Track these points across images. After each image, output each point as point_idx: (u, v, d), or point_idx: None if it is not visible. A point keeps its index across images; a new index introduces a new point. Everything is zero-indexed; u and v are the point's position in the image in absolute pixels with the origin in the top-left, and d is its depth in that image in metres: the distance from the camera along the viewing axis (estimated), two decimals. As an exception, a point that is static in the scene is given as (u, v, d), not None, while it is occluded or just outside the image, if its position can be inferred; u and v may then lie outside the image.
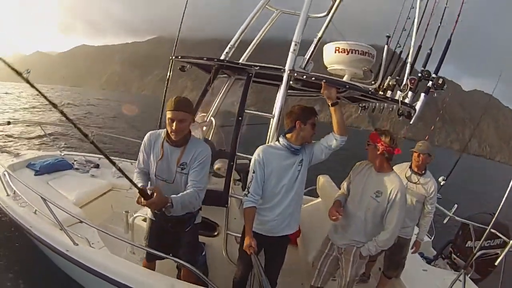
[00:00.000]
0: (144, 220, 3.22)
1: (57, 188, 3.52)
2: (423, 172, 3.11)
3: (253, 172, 2.28)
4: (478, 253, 2.44)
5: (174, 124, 2.10)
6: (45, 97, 1.47)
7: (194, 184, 2.18)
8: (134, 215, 3.26)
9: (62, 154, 4.41)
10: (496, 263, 2.07)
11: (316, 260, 2.69)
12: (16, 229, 4.20)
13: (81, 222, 2.96)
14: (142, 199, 1.93)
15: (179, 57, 2.78)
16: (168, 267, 2.76)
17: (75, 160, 4.29)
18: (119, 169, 1.78)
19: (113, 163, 1.70)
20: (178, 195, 2.10)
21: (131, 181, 1.91)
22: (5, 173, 3.21)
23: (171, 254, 2.43)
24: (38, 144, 10.76)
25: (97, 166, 4.43)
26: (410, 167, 3.18)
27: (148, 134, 2.33)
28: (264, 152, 2.30)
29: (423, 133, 2.81)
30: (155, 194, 1.92)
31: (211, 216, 2.97)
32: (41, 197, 2.59)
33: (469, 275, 2.76)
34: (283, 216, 2.34)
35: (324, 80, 2.42)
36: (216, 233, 3.09)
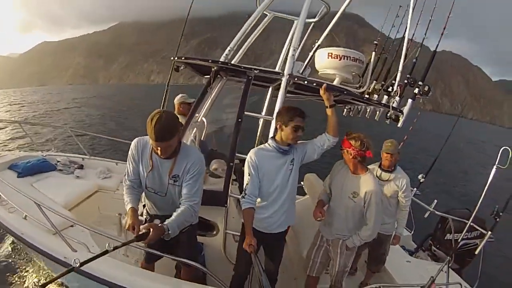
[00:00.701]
0: (138, 221, 3.19)
1: (43, 191, 3.35)
2: (393, 169, 3.26)
3: (248, 175, 2.34)
4: (462, 243, 2.69)
5: (159, 150, 1.97)
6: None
7: (188, 198, 2.10)
8: (127, 217, 3.20)
9: (44, 154, 4.19)
10: (476, 252, 2.30)
11: (310, 252, 2.86)
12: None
13: (72, 226, 2.89)
14: (141, 241, 1.87)
15: (183, 58, 2.76)
16: (166, 268, 2.76)
17: (58, 161, 4.10)
18: None
19: None
20: (172, 217, 2.02)
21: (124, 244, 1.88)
22: None
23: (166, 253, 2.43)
24: (16, 144, 10.17)
25: (81, 166, 4.26)
26: (380, 166, 3.31)
27: (134, 142, 2.15)
28: (256, 155, 2.36)
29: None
30: (151, 230, 1.86)
31: (208, 216, 2.99)
32: (35, 203, 2.47)
33: (449, 265, 3.03)
34: (279, 214, 2.43)
35: (324, 84, 2.55)
36: (214, 233, 3.12)
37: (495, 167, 2.06)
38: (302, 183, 4.24)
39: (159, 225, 1.93)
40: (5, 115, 21.87)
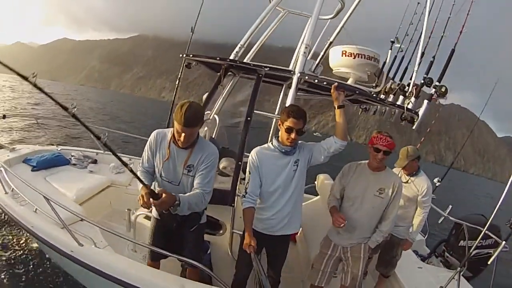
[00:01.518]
0: (146, 218, 3.21)
1: (55, 185, 3.43)
2: (414, 173, 3.16)
3: (249, 173, 2.31)
4: (475, 252, 2.58)
5: (182, 137, 2.04)
6: (56, 101, 1.36)
7: (200, 187, 2.16)
8: (137, 213, 3.23)
9: (59, 149, 4.28)
10: (489, 262, 2.20)
11: (318, 262, 2.73)
12: (15, 227, 4.13)
13: (82, 220, 2.94)
14: (151, 199, 1.90)
15: (191, 55, 2.74)
16: (172, 266, 2.78)
17: (72, 155, 4.18)
18: (131, 171, 1.73)
19: (125, 165, 1.64)
20: (186, 194, 2.09)
21: (142, 181, 1.89)
22: (1, 169, 3.10)
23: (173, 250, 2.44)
24: (33, 138, 10.45)
25: (95, 161, 4.34)
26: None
27: (154, 133, 2.25)
28: (257, 154, 2.33)
29: (398, 144, 2.91)
30: (163, 194, 1.91)
31: (216, 215, 2.98)
32: (44, 197, 2.52)
33: (461, 273, 2.92)
34: (281, 216, 2.37)
35: (335, 83, 2.47)
36: (221, 232, 3.12)
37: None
38: (315, 182, 4.17)
39: (172, 194, 1.98)
40: (17, 104, 22.47)
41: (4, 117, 3.74)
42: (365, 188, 2.51)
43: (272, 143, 2.37)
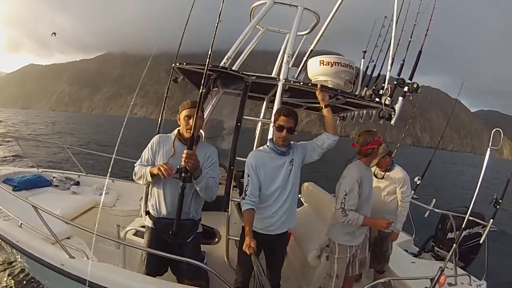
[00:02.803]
0: (136, 234, 3.10)
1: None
2: (389, 168, 3.34)
3: (248, 176, 2.36)
4: (461, 238, 2.70)
5: (191, 120, 2.19)
6: None
7: (213, 178, 2.31)
8: (126, 229, 3.12)
9: (40, 171, 4.13)
10: (481, 241, 2.31)
11: (341, 270, 2.71)
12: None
13: (69, 238, 2.81)
14: (185, 152, 2.01)
15: (184, 63, 2.85)
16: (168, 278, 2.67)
17: (54, 177, 4.04)
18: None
19: None
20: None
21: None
22: None
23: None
24: (10, 161, 10.06)
25: (77, 183, 4.20)
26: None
27: (157, 136, 2.40)
28: (255, 157, 2.40)
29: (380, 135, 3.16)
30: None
31: (210, 223, 2.95)
32: (33, 206, 2.41)
33: (456, 256, 3.00)
34: (279, 213, 2.41)
35: (319, 84, 2.66)
36: (216, 240, 3.06)
37: (489, 149, 2.12)
38: (299, 195, 4.23)
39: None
40: None
41: None
42: (371, 185, 2.70)
43: (267, 146, 2.45)
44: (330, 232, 2.79)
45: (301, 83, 2.91)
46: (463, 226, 2.37)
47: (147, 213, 2.45)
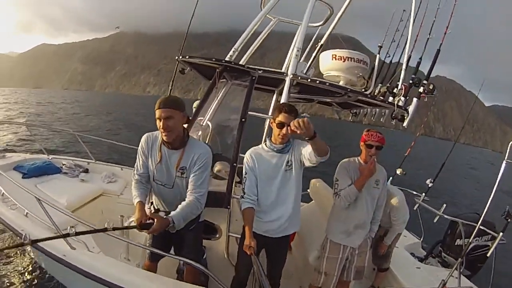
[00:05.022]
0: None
1: (46, 192, 3.35)
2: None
3: (245, 174, 2.31)
4: (470, 247, 2.59)
5: (161, 122, 2.00)
6: None
7: (194, 189, 2.12)
8: (130, 219, 3.17)
9: (50, 157, 4.22)
10: (488, 254, 2.21)
11: (332, 268, 2.67)
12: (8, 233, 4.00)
13: (73, 227, 2.86)
14: (144, 230, 1.91)
15: (187, 56, 2.79)
16: (168, 271, 2.70)
17: (63, 164, 4.12)
18: None
19: None
20: (178, 209, 2.05)
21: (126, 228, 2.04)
22: None
23: (172, 252, 2.40)
24: (21, 146, 10.29)
25: (86, 170, 4.27)
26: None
27: (145, 137, 2.23)
28: (252, 154, 2.33)
29: (388, 118, 2.99)
30: (155, 220, 1.90)
31: (211, 219, 2.94)
32: (36, 198, 2.46)
33: (460, 270, 2.91)
34: (282, 219, 2.34)
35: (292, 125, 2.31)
36: (217, 236, 3.07)
37: (504, 162, 1.99)
38: (308, 190, 4.16)
39: (164, 217, 1.98)
40: (7, 114, 22.31)
41: None
42: (368, 182, 2.56)
43: (265, 144, 2.37)
44: (326, 228, 2.79)
45: (309, 80, 2.79)
46: (471, 238, 2.28)
47: (151, 204, 2.45)
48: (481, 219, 2.36)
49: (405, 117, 2.92)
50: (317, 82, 2.63)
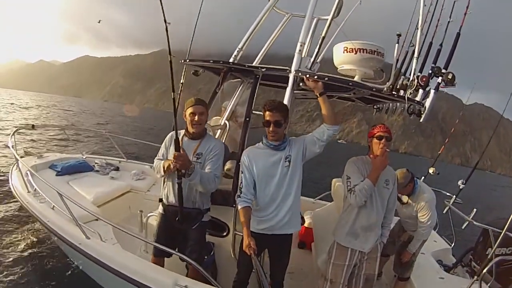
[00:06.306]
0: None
1: (76, 188, 3.70)
2: (409, 193, 3.01)
3: (242, 173, 2.32)
4: (497, 259, 2.29)
5: (196, 116, 2.43)
6: None
7: (211, 171, 2.43)
8: (148, 214, 3.36)
9: (84, 156, 4.65)
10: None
11: (338, 276, 2.50)
12: (35, 224, 4.48)
13: (97, 220, 3.12)
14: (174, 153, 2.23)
15: (188, 60, 2.86)
16: (177, 264, 2.81)
17: (96, 163, 4.50)
18: None
19: None
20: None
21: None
22: (28, 172, 3.44)
23: (177, 250, 2.50)
24: (60, 147, 11.34)
25: (117, 168, 4.61)
26: None
27: (170, 133, 2.58)
28: (249, 153, 2.35)
29: (424, 147, 2.71)
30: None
31: (220, 216, 2.99)
32: (58, 192, 2.74)
33: (488, 284, 2.57)
34: (280, 214, 2.31)
35: (308, 76, 2.41)
36: (225, 233, 3.11)
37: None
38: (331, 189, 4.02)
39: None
40: (47, 118, 24.50)
41: (33, 127, 4.15)
42: (378, 181, 2.39)
43: (262, 142, 2.38)
44: (333, 230, 2.62)
45: (307, 75, 2.66)
46: (494, 247, 2.01)
47: (160, 200, 2.67)
48: (506, 226, 2.07)
49: (422, 112, 2.66)
50: (315, 77, 2.50)
